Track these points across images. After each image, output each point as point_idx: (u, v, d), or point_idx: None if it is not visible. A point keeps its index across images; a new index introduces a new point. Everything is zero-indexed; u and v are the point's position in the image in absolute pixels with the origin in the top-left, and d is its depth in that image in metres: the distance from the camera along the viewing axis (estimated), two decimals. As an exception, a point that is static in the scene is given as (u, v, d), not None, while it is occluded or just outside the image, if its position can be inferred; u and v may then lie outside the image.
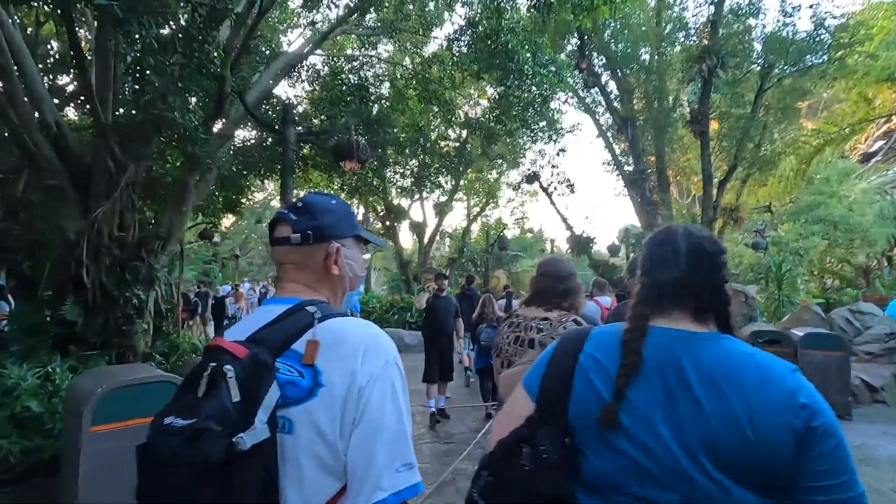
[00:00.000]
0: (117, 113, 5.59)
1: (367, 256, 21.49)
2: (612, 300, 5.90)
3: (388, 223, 16.38)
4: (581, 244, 13.35)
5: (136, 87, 4.94)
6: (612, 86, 12.24)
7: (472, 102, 12.68)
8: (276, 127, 5.91)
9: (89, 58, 5.41)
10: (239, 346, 0.83)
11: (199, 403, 0.75)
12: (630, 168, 12.09)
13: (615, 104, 11.76)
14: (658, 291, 0.97)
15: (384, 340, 0.91)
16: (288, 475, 0.82)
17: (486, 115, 9.35)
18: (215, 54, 4.60)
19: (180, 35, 3.88)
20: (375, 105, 8.63)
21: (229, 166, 11.08)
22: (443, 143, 9.87)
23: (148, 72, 4.13)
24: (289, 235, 0.98)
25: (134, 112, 5.64)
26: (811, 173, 16.78)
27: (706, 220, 10.51)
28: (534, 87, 7.24)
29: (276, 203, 30.84)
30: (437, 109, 9.05)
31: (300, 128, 7.65)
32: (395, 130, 8.33)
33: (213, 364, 0.79)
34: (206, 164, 5.42)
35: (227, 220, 34.85)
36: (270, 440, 0.78)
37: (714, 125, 11.18)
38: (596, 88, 11.78)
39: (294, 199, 1.10)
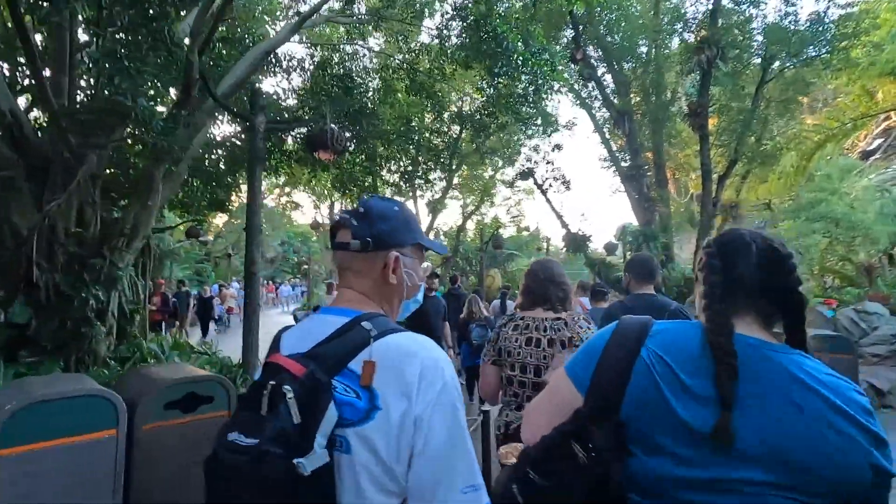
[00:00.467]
0: (78, 99, 5.24)
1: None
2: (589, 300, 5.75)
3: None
4: (577, 242, 13.03)
5: (91, 70, 4.59)
6: (608, 79, 11.91)
7: (464, 97, 12.33)
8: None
9: (40, 38, 5.05)
10: (296, 363, 0.83)
11: (262, 423, 0.77)
12: (627, 164, 11.76)
13: (612, 98, 11.43)
14: (731, 292, 0.90)
15: (441, 361, 0.87)
16: (346, 492, 0.81)
17: (478, 109, 8.98)
18: (178, 38, 4.27)
19: (130, 10, 3.51)
20: (363, 97, 8.28)
21: (216, 162, 10.75)
22: (433, 138, 9.49)
23: (100, 54, 3.79)
24: (349, 241, 0.97)
25: (92, 98, 5.29)
26: (812, 170, 16.48)
27: (706, 217, 10.19)
28: (525, 77, 6.89)
29: (269, 201, 30.46)
30: (426, 102, 8.69)
31: (278, 117, 7.29)
32: (383, 123, 7.97)
33: (273, 383, 0.80)
34: (173, 155, 5.07)
35: (221, 219, 34.55)
36: (328, 464, 0.78)
37: (713, 121, 10.87)
38: (592, 82, 11.44)
39: (356, 204, 1.06)
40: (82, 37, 5.39)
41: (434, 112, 9.04)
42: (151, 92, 5.37)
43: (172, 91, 5.73)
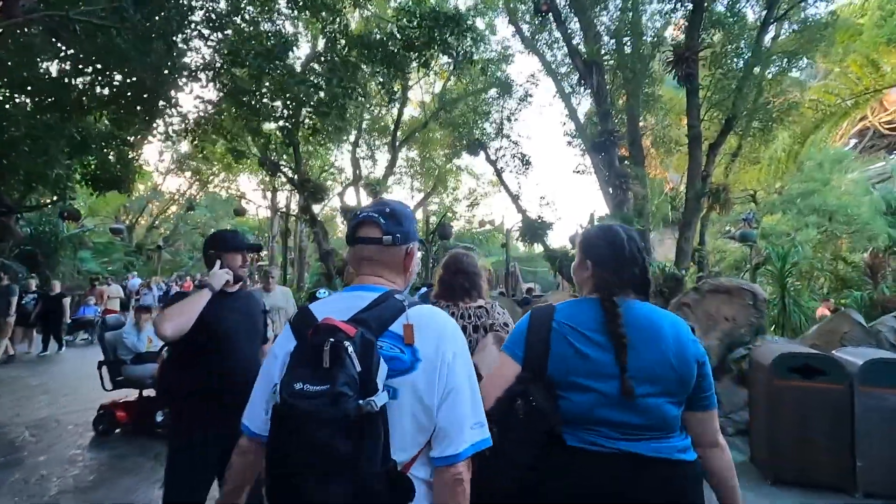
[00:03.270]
0: None
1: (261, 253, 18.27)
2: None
3: (304, 201, 13.28)
4: (533, 230, 10.62)
5: None
6: (576, 27, 9.50)
7: (378, 25, 9.48)
8: None
9: None
10: (349, 325, 1.01)
11: (328, 373, 0.94)
12: (595, 129, 9.45)
13: (579, 45, 9.02)
14: (615, 271, 1.41)
15: (456, 325, 1.18)
16: (393, 431, 1.03)
17: (389, 35, 6.39)
18: None
19: None
20: None
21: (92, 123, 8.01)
22: (319, 69, 6.90)
23: None
24: (380, 237, 1.20)
25: None
26: (803, 157, 14.56)
27: (693, 195, 7.90)
28: None
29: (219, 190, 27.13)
30: (318, 19, 6.11)
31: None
32: (233, 35, 5.43)
33: (332, 340, 0.96)
34: None
35: (155, 207, 31.02)
36: (385, 404, 0.99)
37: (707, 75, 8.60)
38: (552, 21, 9.01)
39: (379, 203, 1.25)
40: None
41: (329, 34, 6.40)
42: None
43: None
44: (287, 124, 6.67)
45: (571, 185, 71.39)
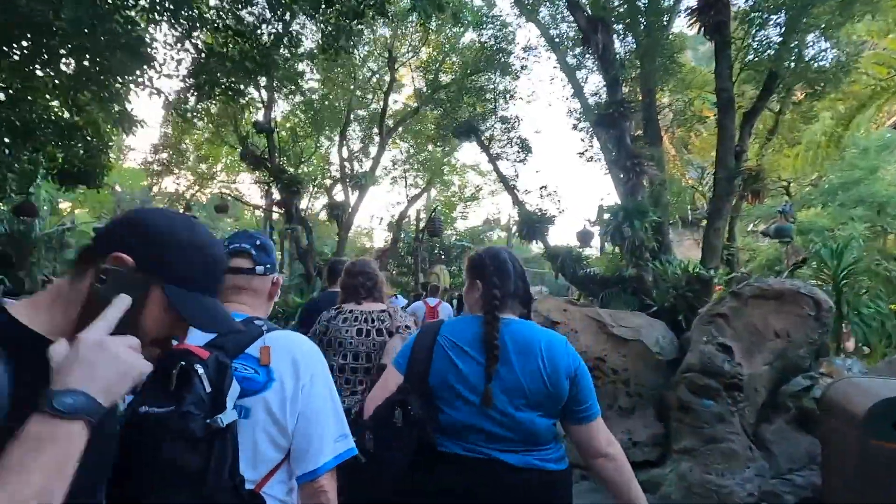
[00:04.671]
0: None
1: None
2: (438, 301, 6.46)
3: (284, 195, 11.99)
4: (531, 225, 9.11)
5: None
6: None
7: None
8: None
9: None
10: (202, 349, 1.03)
11: (174, 395, 0.94)
12: (601, 101, 7.95)
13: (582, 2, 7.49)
14: (503, 296, 1.52)
15: (314, 347, 1.26)
16: (245, 448, 1.06)
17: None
18: None
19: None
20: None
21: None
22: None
23: None
24: (252, 267, 1.31)
25: None
26: (846, 142, 12.74)
27: (724, 175, 6.32)
28: None
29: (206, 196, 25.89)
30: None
31: None
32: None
33: (183, 363, 0.97)
34: None
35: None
36: (234, 422, 1.00)
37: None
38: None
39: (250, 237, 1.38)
40: None
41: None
42: None
43: None
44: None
45: (577, 173, 68.29)
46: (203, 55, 5.31)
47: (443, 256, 15.86)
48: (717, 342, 3.95)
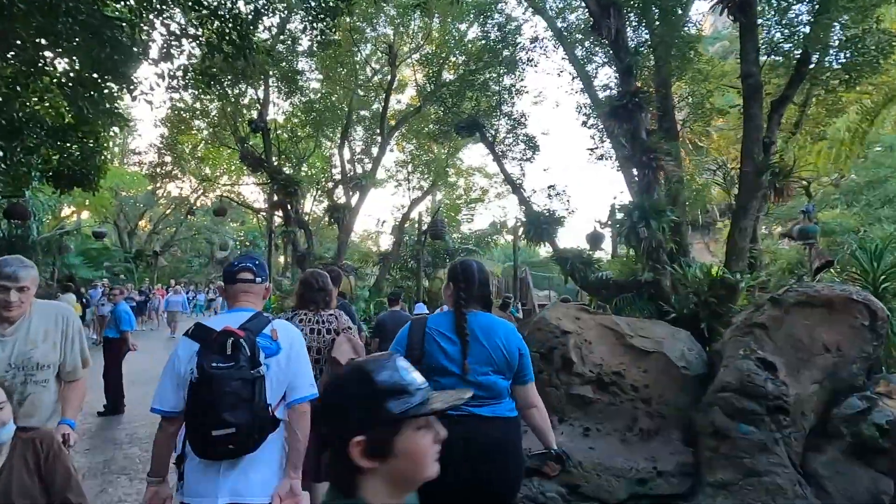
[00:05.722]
0: None
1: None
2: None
3: (280, 196, 11.54)
4: (539, 226, 8.56)
5: None
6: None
7: None
8: None
9: None
10: (239, 330, 1.84)
11: (232, 356, 1.79)
12: (613, 91, 7.41)
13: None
14: (469, 294, 2.11)
15: (297, 329, 2.14)
16: (267, 387, 1.85)
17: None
18: None
19: None
20: None
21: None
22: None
23: None
24: (254, 279, 2.06)
25: None
26: (871, 138, 12.08)
27: (751, 170, 5.74)
28: None
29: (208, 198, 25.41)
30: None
31: None
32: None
33: (232, 337, 1.81)
34: None
35: (153, 215, 29.88)
36: (264, 373, 1.85)
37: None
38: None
39: (251, 256, 2.19)
40: None
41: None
42: None
43: None
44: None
45: (586, 175, 67.03)
46: (174, 38, 4.88)
47: (447, 260, 15.36)
48: (757, 357, 3.39)
